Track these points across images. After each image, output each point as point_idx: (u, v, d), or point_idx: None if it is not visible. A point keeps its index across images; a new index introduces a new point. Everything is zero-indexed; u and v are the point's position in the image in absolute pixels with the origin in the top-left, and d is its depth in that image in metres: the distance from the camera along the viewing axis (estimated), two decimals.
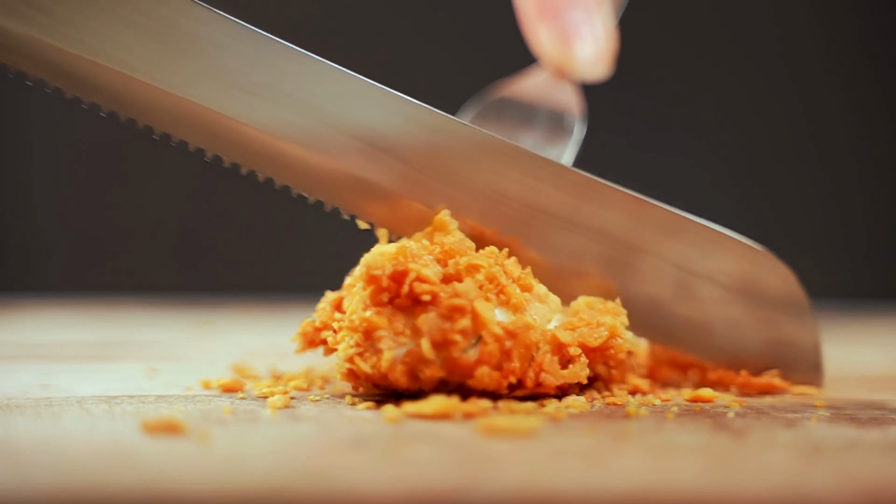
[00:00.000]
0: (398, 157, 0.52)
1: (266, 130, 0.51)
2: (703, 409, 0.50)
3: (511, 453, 0.39)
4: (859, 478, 0.36)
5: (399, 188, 0.52)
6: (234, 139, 0.51)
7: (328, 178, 0.52)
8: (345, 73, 0.51)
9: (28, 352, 0.72)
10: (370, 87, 0.51)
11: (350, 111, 0.51)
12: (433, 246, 0.50)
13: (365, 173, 0.52)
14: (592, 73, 0.65)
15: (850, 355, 0.77)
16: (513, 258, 0.51)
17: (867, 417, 0.48)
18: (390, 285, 0.48)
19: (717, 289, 0.55)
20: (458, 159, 0.52)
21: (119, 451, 0.38)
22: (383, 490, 0.34)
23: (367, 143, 0.52)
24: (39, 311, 1.06)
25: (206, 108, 0.50)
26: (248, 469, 0.36)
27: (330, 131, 0.51)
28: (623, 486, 0.35)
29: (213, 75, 0.50)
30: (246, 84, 0.51)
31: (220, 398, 0.51)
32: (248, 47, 0.50)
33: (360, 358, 0.48)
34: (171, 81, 0.50)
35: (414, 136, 0.52)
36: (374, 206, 0.53)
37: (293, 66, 0.51)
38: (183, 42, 0.50)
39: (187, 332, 0.91)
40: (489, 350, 0.47)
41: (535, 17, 0.65)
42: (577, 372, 0.49)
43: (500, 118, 0.64)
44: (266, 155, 0.51)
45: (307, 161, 0.52)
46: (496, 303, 0.48)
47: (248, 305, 1.12)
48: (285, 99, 0.51)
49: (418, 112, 0.52)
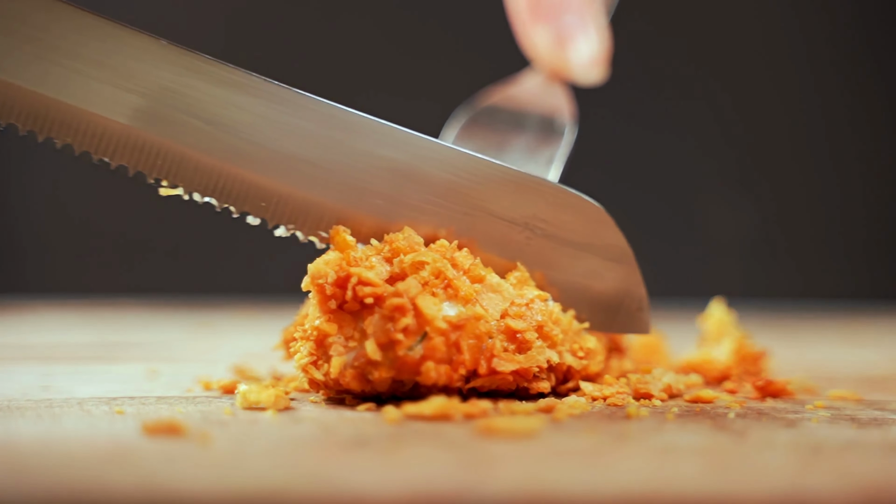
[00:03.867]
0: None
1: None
2: (703, 409, 0.50)
3: (511, 454, 0.39)
4: (859, 478, 0.36)
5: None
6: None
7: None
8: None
9: (29, 353, 0.72)
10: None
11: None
12: (382, 245, 0.50)
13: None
14: (588, 76, 0.65)
15: (850, 356, 0.77)
16: (464, 250, 0.51)
17: (867, 418, 0.48)
18: (335, 291, 0.48)
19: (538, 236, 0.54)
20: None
21: (119, 452, 0.38)
22: (383, 491, 0.34)
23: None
24: (40, 312, 1.06)
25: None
26: (249, 470, 0.36)
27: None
28: (623, 486, 0.35)
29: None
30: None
31: (221, 399, 0.51)
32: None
33: (314, 366, 0.49)
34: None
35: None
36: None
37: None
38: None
39: (188, 334, 0.91)
40: (434, 345, 0.47)
41: (529, 21, 0.65)
42: (534, 357, 0.49)
43: (491, 123, 0.64)
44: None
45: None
46: (444, 297, 0.48)
47: (248, 306, 1.12)
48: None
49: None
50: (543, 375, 0.50)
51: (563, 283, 0.53)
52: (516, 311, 0.50)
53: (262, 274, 1.26)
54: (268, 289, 1.12)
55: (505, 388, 0.49)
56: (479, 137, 0.63)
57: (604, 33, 0.65)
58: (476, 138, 0.63)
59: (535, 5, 0.64)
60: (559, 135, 0.63)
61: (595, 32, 0.64)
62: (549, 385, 0.51)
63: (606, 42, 0.65)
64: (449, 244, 0.50)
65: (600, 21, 0.65)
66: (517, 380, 0.49)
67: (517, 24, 0.66)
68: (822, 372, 0.64)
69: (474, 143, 0.63)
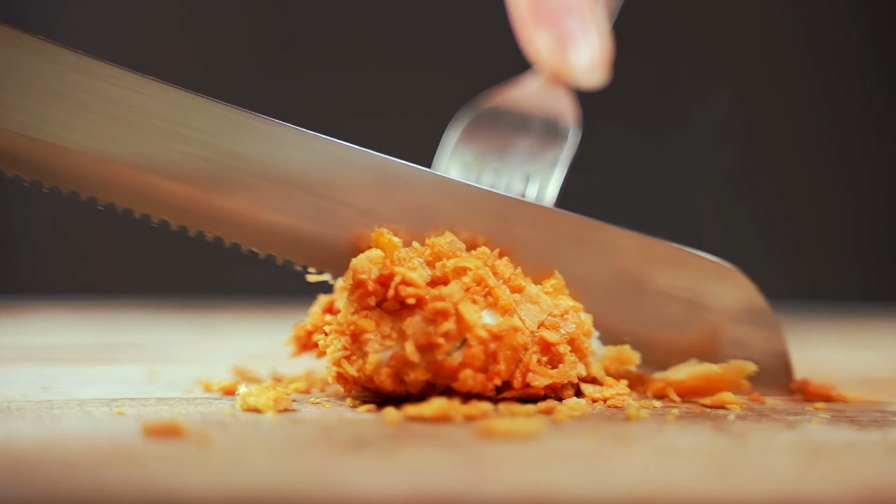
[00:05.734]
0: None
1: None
2: (703, 411, 0.50)
3: (511, 455, 0.39)
4: (860, 480, 0.36)
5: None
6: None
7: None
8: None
9: (29, 354, 0.72)
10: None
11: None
12: (424, 248, 0.50)
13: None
14: (590, 79, 0.65)
15: (851, 357, 0.77)
16: (504, 258, 0.51)
17: (867, 420, 0.48)
18: (377, 289, 0.48)
19: (676, 303, 0.55)
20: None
21: (120, 453, 0.38)
22: (384, 492, 0.34)
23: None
24: (40, 313, 1.06)
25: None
26: (249, 472, 0.36)
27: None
28: (623, 488, 0.35)
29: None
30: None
31: (221, 400, 0.51)
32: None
33: (347, 361, 0.48)
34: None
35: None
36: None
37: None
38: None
39: (188, 335, 0.91)
40: (473, 353, 0.47)
41: (530, 24, 0.65)
42: (566, 371, 0.49)
43: (494, 126, 0.64)
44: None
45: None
46: (483, 305, 0.48)
47: (248, 307, 1.12)
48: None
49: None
50: (570, 386, 0.51)
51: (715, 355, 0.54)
52: (552, 321, 0.50)
53: (262, 275, 1.26)
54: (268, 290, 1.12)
55: (533, 397, 0.49)
56: (481, 140, 0.63)
57: (605, 37, 0.65)
58: (478, 141, 0.63)
59: (536, 9, 0.64)
60: (562, 138, 0.63)
61: (596, 36, 0.64)
62: (572, 393, 0.51)
63: (608, 46, 0.65)
64: (490, 252, 0.50)
65: (601, 25, 0.65)
66: (546, 391, 0.49)
67: (519, 27, 0.66)
68: (821, 374, 0.64)
69: (477, 145, 0.63)
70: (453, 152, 0.63)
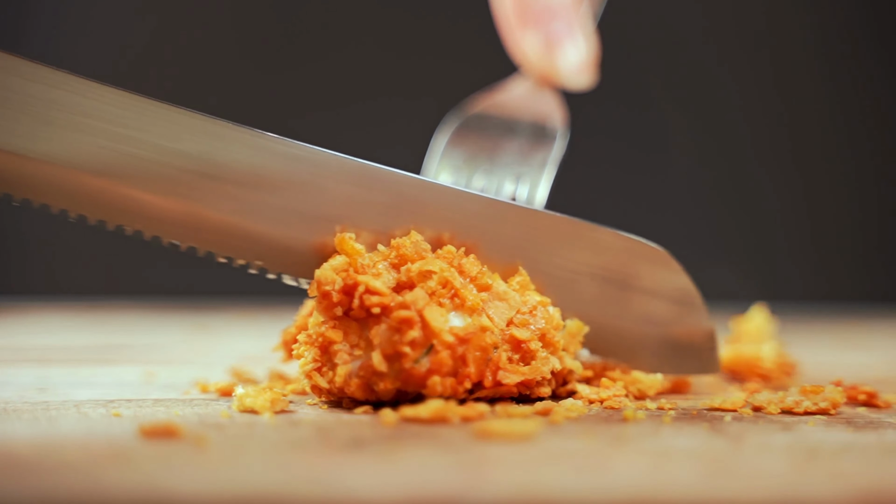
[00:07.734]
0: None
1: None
2: (699, 413, 0.50)
3: (508, 457, 0.39)
4: (855, 481, 0.36)
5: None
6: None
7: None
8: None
9: (25, 355, 0.72)
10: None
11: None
12: (389, 251, 0.50)
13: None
14: (577, 81, 0.65)
15: (845, 359, 0.77)
16: (471, 256, 0.51)
17: (863, 421, 0.48)
18: (342, 299, 0.48)
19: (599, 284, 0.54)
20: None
21: (116, 454, 0.38)
22: (381, 494, 0.34)
23: None
24: (37, 314, 1.06)
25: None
26: (246, 473, 0.36)
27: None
28: (620, 489, 0.35)
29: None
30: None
31: (218, 402, 0.51)
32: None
33: (318, 373, 0.48)
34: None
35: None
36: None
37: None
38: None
39: (185, 336, 0.91)
40: (440, 359, 0.47)
41: (516, 27, 0.65)
42: (538, 367, 0.49)
43: (482, 130, 0.64)
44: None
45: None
46: (451, 307, 0.48)
47: (245, 309, 1.12)
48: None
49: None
50: (545, 382, 0.50)
51: (632, 329, 0.54)
52: (521, 318, 0.50)
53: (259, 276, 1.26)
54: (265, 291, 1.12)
55: (507, 395, 0.49)
56: (470, 144, 0.63)
57: (591, 39, 0.65)
58: (467, 145, 0.63)
59: (522, 11, 0.64)
60: (551, 140, 0.63)
61: (583, 38, 0.64)
62: (549, 390, 0.51)
63: (594, 47, 0.65)
64: (456, 250, 0.50)
65: (587, 26, 0.65)
66: (520, 389, 0.49)
67: (505, 30, 0.67)
68: (817, 375, 0.64)
69: (466, 149, 0.63)
70: (442, 156, 0.63)
